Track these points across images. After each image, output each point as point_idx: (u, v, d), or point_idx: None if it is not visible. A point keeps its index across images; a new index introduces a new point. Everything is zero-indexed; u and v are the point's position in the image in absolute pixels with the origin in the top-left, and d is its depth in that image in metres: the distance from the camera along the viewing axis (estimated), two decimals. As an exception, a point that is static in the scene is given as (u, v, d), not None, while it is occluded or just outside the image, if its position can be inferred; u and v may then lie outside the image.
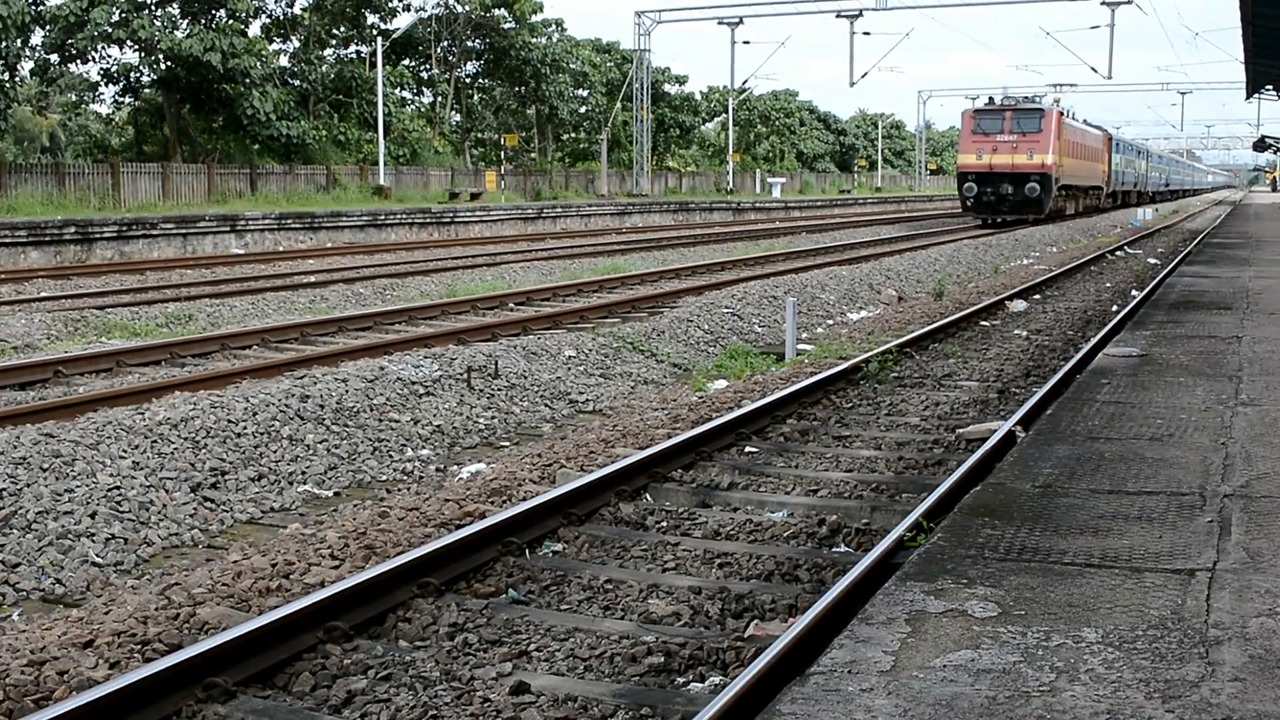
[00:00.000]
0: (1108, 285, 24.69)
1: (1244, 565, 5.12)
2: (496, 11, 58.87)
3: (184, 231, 30.96)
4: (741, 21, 63.21)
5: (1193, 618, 4.54)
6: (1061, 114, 48.63)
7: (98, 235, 28.69)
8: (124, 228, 29.32)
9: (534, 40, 61.27)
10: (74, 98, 51.70)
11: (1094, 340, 14.66)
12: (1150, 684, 3.95)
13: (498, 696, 5.20)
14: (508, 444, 10.68)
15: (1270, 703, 3.80)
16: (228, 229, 32.42)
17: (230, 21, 43.28)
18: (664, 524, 7.90)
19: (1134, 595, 4.79)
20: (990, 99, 48.85)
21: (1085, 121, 57.90)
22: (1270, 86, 49.77)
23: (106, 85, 46.99)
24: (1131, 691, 3.89)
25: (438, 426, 10.64)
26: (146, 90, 46.76)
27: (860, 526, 7.74)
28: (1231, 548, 5.37)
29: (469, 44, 60.82)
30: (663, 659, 5.61)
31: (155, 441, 8.81)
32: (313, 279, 22.91)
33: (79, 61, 43.76)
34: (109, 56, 44.23)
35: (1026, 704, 3.81)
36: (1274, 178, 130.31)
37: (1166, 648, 4.25)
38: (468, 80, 64.11)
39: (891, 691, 3.90)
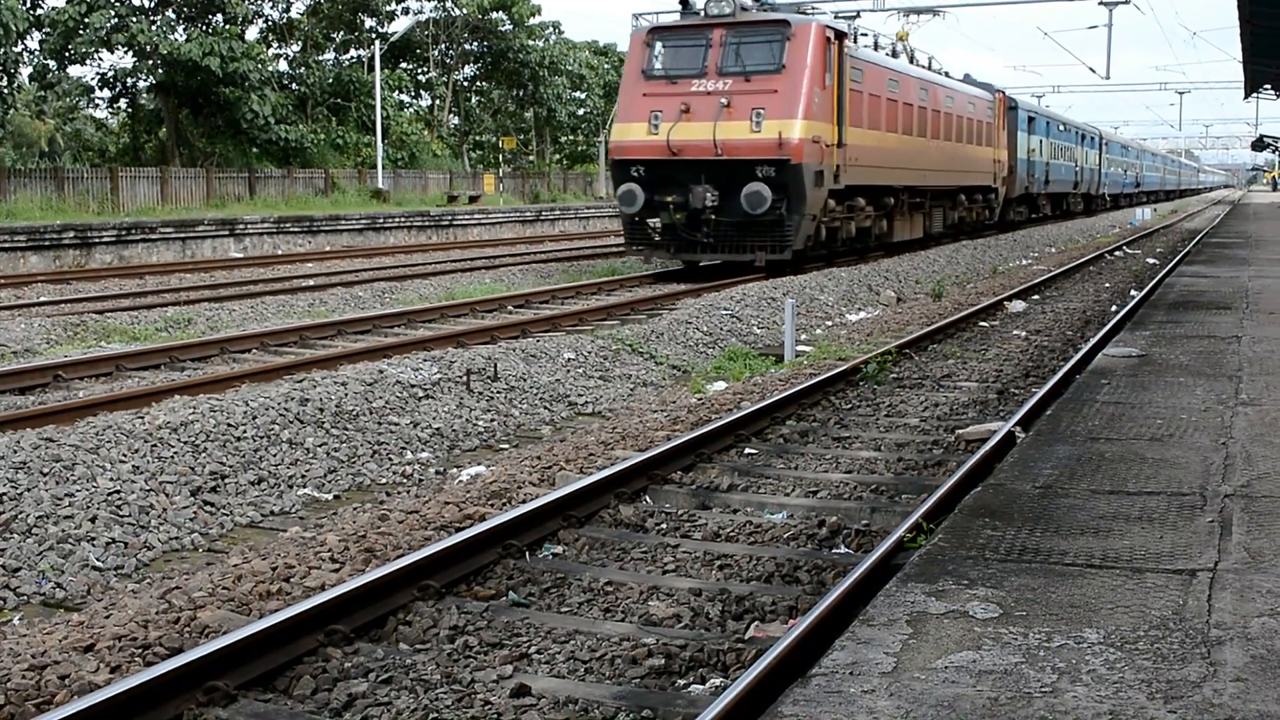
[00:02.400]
0: (1107, 285, 24.69)
1: (1245, 565, 5.12)
2: (494, 14, 58.89)
3: (183, 236, 30.95)
4: (738, 23, 62.59)
5: (1194, 618, 4.54)
6: (842, 37, 23.77)
7: (97, 240, 28.68)
8: (123, 232, 29.32)
9: (531, 43, 61.29)
10: (70, 102, 51.68)
11: (1093, 340, 14.66)
12: (1152, 684, 3.95)
13: (498, 699, 5.20)
14: (507, 446, 10.68)
15: (1273, 703, 3.80)
16: (226, 233, 32.41)
17: (228, 26, 43.28)
18: (664, 526, 7.90)
19: (1135, 596, 4.78)
20: (684, 2, 23.79)
21: (944, 73, 33.68)
22: (1268, 86, 49.80)
23: (103, 89, 47.04)
24: (1133, 692, 3.89)
25: (437, 429, 10.64)
26: (144, 95, 46.75)
27: (860, 528, 7.74)
28: (1233, 548, 5.37)
29: (467, 47, 60.86)
30: (663, 661, 5.61)
31: (155, 445, 8.80)
32: (311, 282, 22.92)
33: (79, 64, 43.78)
34: (101, 60, 44.31)
35: (1028, 705, 3.80)
36: (1273, 177, 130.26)
37: (1168, 648, 4.25)
38: (466, 83, 64.16)
39: (893, 693, 3.90)
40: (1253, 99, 61.09)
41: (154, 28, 41.94)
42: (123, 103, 48.45)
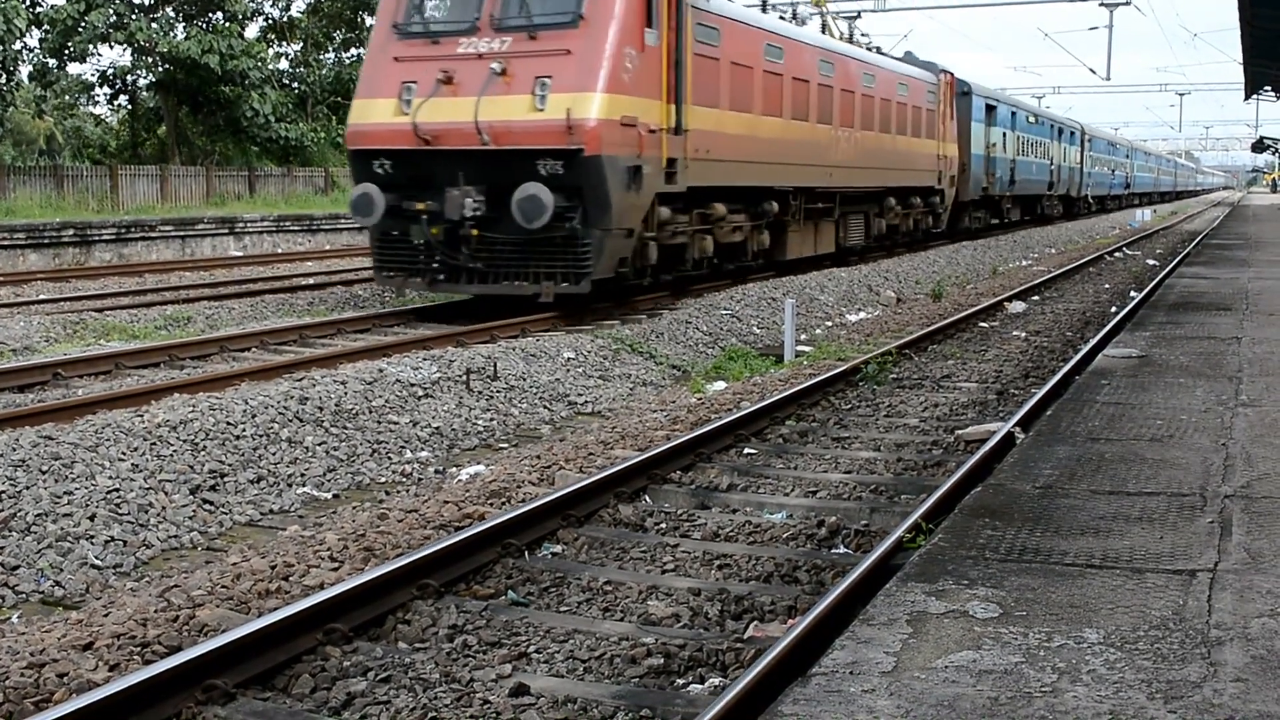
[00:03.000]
0: (1106, 286, 24.69)
1: (1245, 566, 5.11)
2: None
3: (182, 234, 30.93)
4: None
5: (1194, 618, 4.53)
6: None
7: (96, 238, 28.66)
8: (122, 230, 29.30)
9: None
10: (70, 99, 51.67)
11: (1093, 341, 14.65)
12: (1152, 684, 3.94)
13: (497, 698, 5.19)
14: (506, 446, 10.67)
15: (1273, 703, 3.80)
16: (226, 231, 32.39)
17: (228, 24, 43.26)
18: (663, 525, 7.90)
19: (1135, 596, 4.78)
20: None
21: (874, 48, 28.45)
22: (1269, 87, 49.83)
23: (102, 86, 47.00)
24: (1134, 692, 3.89)
25: (436, 428, 10.63)
26: (144, 93, 46.74)
27: (859, 528, 7.74)
28: (1233, 548, 5.36)
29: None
30: (662, 660, 5.60)
31: (154, 444, 8.79)
32: (311, 281, 22.89)
33: (79, 62, 43.75)
34: (100, 57, 44.35)
35: (1029, 705, 3.80)
36: (1273, 179, 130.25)
37: (1168, 648, 4.25)
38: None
39: (893, 692, 3.89)
40: (1253, 100, 61.11)
41: (153, 26, 41.90)
42: (122, 100, 48.43)
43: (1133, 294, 21.59)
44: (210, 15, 44.31)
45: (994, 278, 27.01)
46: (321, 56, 53.40)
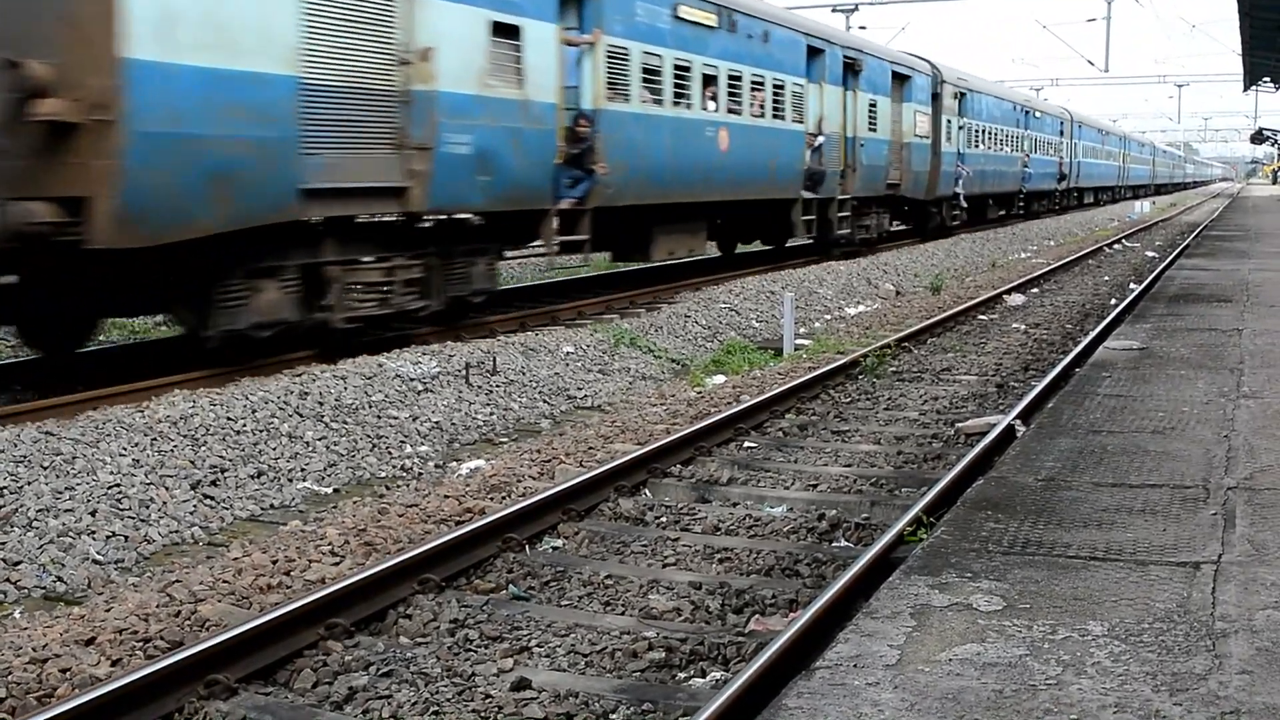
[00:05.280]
0: (1106, 279, 24.69)
1: (1249, 558, 5.11)
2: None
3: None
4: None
5: (1199, 610, 4.53)
6: None
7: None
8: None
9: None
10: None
11: (1093, 334, 14.65)
12: (1157, 677, 3.94)
13: (499, 692, 5.18)
14: (506, 440, 10.66)
15: (1278, 695, 3.79)
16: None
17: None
18: (664, 519, 7.89)
19: (1139, 588, 4.77)
20: None
21: None
22: (1268, 79, 49.85)
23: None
24: (1139, 684, 3.88)
25: (436, 423, 10.62)
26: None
27: (860, 521, 7.73)
28: (1236, 540, 5.36)
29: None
30: (664, 654, 5.60)
31: (155, 439, 8.78)
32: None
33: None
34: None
35: (1033, 697, 3.79)
36: (1273, 170, 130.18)
37: (1173, 640, 4.24)
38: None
39: (898, 685, 3.88)
40: (1252, 92, 61.08)
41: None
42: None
43: (1132, 286, 21.59)
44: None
45: (992, 270, 27.01)
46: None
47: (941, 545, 5.35)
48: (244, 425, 9.40)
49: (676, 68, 17.90)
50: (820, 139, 23.15)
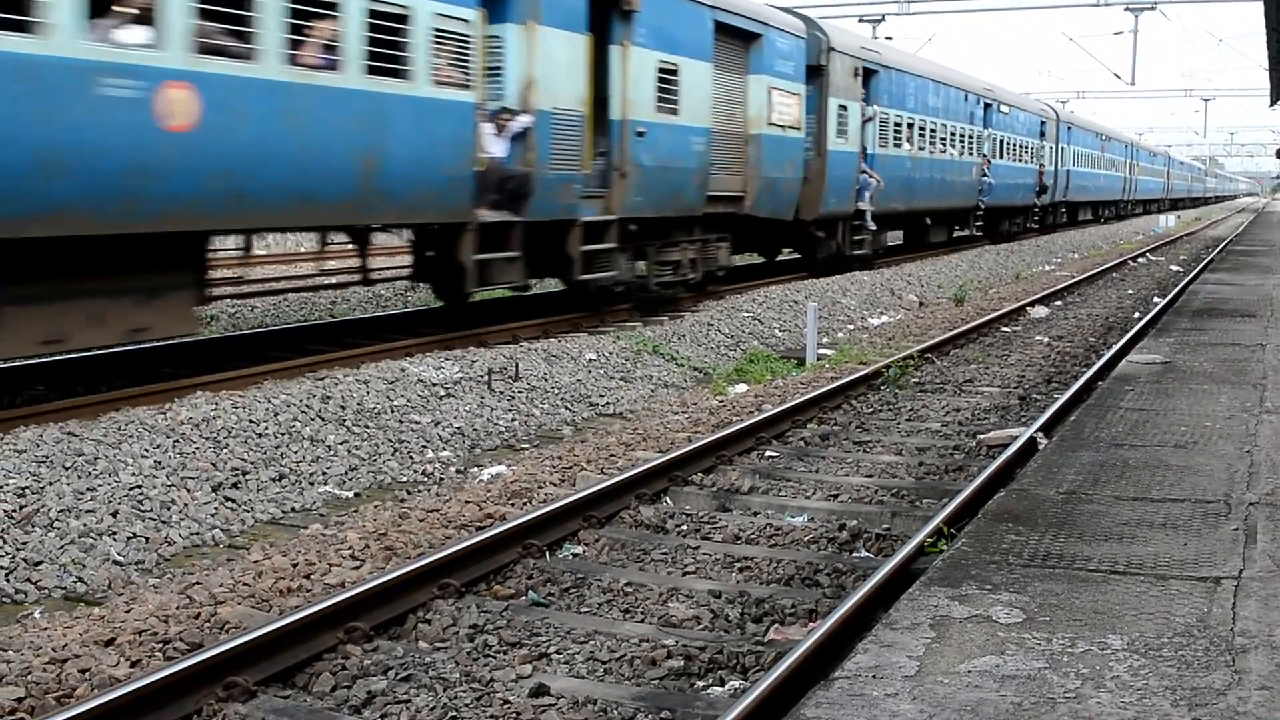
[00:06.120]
0: (1130, 292, 24.59)
1: (1270, 573, 5.08)
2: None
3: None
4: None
5: (1219, 625, 4.50)
6: None
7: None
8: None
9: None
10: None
11: (1116, 347, 14.59)
12: (1176, 691, 3.92)
13: (517, 698, 5.19)
14: (528, 446, 10.68)
15: (1298, 712, 3.77)
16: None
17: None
18: (684, 527, 7.89)
19: (1159, 602, 4.75)
20: None
21: None
22: (1294, 94, 49.52)
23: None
24: (1158, 699, 3.86)
25: (458, 428, 10.64)
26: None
27: (880, 532, 7.72)
28: (1258, 555, 5.33)
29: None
30: (682, 662, 5.60)
31: (177, 441, 8.82)
32: (334, 280, 22.90)
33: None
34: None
35: (1052, 711, 3.78)
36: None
37: (1193, 655, 4.22)
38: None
39: (916, 696, 3.88)
40: (1278, 106, 60.69)
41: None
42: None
43: (1156, 300, 21.50)
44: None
45: (1016, 282, 26.94)
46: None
47: (962, 557, 5.34)
48: (266, 428, 9.44)
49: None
50: (524, 120, 13.80)
